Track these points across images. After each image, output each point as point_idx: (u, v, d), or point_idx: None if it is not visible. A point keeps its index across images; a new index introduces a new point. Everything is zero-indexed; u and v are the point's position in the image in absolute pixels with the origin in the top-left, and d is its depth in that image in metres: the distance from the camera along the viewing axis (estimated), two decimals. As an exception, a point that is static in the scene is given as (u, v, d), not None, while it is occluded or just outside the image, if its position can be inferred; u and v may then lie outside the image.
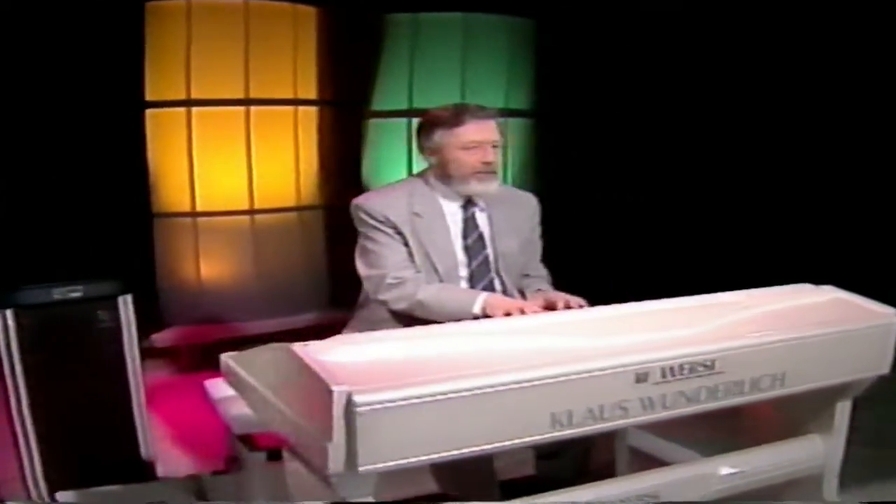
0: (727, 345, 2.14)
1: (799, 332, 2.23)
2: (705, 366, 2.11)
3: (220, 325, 5.21)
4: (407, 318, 2.80)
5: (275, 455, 2.54)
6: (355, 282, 2.92)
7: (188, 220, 5.30)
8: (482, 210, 2.94)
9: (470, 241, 2.91)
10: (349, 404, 1.77)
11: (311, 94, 5.64)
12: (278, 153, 5.53)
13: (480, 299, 2.66)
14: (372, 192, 3.02)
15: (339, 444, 1.79)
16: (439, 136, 2.83)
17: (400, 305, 2.76)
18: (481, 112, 2.83)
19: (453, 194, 2.89)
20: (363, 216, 2.85)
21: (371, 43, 5.78)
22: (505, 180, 5.82)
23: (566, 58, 6.12)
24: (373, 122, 5.91)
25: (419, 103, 5.75)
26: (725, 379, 2.15)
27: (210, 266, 5.34)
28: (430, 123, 2.87)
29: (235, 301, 5.34)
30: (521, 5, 5.99)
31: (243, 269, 5.41)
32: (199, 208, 5.29)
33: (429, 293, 2.73)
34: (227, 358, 2.38)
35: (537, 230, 3.13)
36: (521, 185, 5.79)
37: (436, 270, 2.84)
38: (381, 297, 2.79)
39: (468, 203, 2.92)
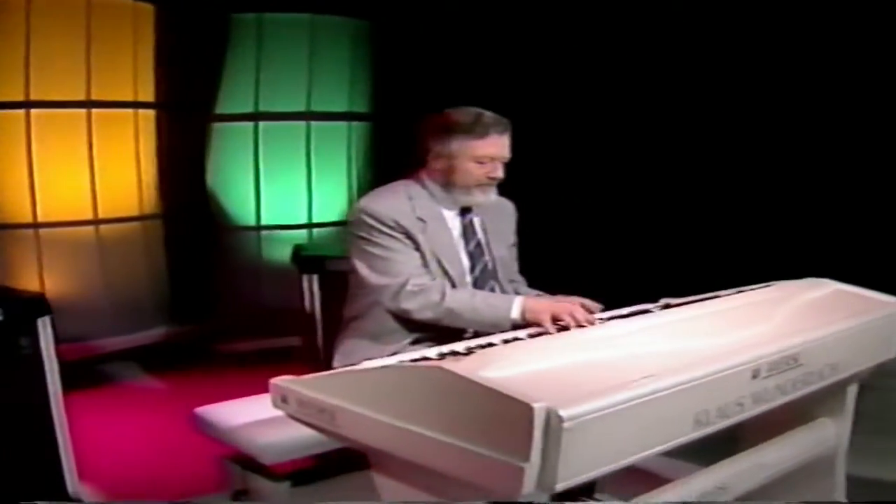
0: (808, 337, 2.22)
1: (849, 323, 2.36)
2: (794, 359, 2.18)
3: (66, 345, 4.65)
4: (420, 327, 2.67)
5: (301, 480, 2.34)
6: (200, 295, 2.71)
7: (29, 231, 4.75)
8: (476, 216, 2.87)
9: (471, 247, 2.84)
10: (551, 420, 1.65)
11: (151, 96, 5.20)
12: (120, 159, 5.10)
13: (517, 304, 2.56)
14: (373, 196, 2.80)
15: (536, 463, 1.66)
16: (457, 145, 2.70)
17: (425, 314, 2.61)
18: (501, 126, 2.73)
19: (450, 200, 2.80)
20: (371, 221, 2.68)
21: (215, 43, 5.43)
22: (349, 184, 5.72)
23: (405, 60, 6.05)
24: (217, 126, 5.54)
25: (265, 107, 5.51)
26: (805, 370, 2.23)
27: (54, 280, 4.78)
28: (446, 128, 2.72)
29: (82, 318, 4.84)
30: (365, 7, 5.87)
31: (89, 284, 4.90)
32: (40, 218, 4.75)
33: (459, 300, 2.60)
34: (286, 384, 2.14)
35: (515, 236, 3.09)
36: (363, 188, 5.73)
37: (448, 277, 2.73)
38: (404, 306, 2.62)
39: (465, 209, 2.83)
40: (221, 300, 5.33)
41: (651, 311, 2.56)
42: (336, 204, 5.90)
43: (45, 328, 2.90)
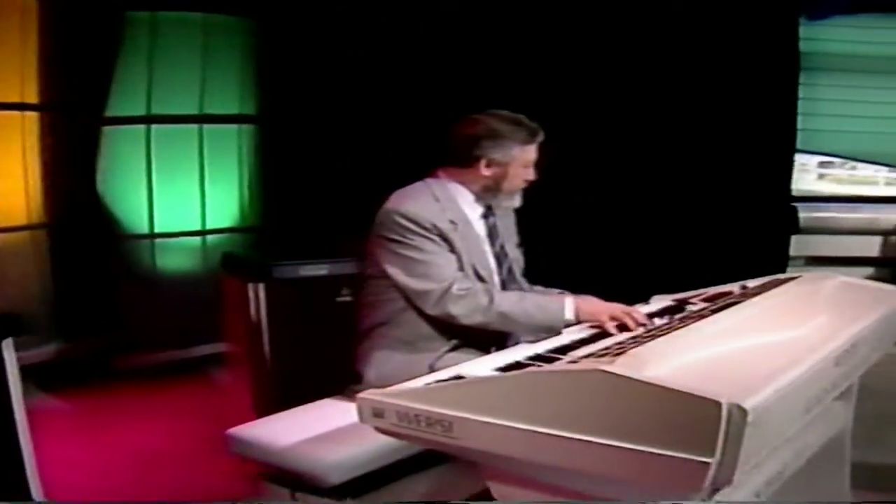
0: (861, 325, 2.36)
1: (880, 311, 2.54)
2: (855, 346, 2.32)
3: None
4: (458, 332, 2.63)
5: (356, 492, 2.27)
6: (93, 307, 2.61)
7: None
8: (496, 218, 2.85)
9: (497, 248, 2.83)
10: (735, 414, 1.67)
11: (38, 97, 4.80)
12: (5, 164, 4.67)
13: (569, 305, 2.57)
14: (402, 197, 2.72)
15: (719, 458, 1.69)
16: (518, 151, 2.72)
17: (475, 318, 2.57)
18: (539, 130, 2.77)
19: (475, 203, 2.78)
20: (406, 223, 2.62)
21: (107, 43, 5.07)
22: (241, 189, 5.52)
23: (294, 60, 5.88)
24: (108, 129, 5.18)
25: (158, 109, 5.21)
26: (860, 357, 2.38)
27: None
28: (501, 135, 2.71)
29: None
30: (253, 5, 5.66)
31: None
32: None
33: (510, 303, 2.58)
34: (382, 397, 2.05)
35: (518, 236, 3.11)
36: (257, 191, 5.53)
37: (481, 280, 2.69)
38: (451, 311, 2.57)
39: (487, 211, 2.80)
40: (116, 312, 4.98)
41: (686, 306, 2.64)
42: (229, 209, 5.65)
43: (8, 350, 2.59)
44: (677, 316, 2.51)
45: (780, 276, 2.97)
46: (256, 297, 3.29)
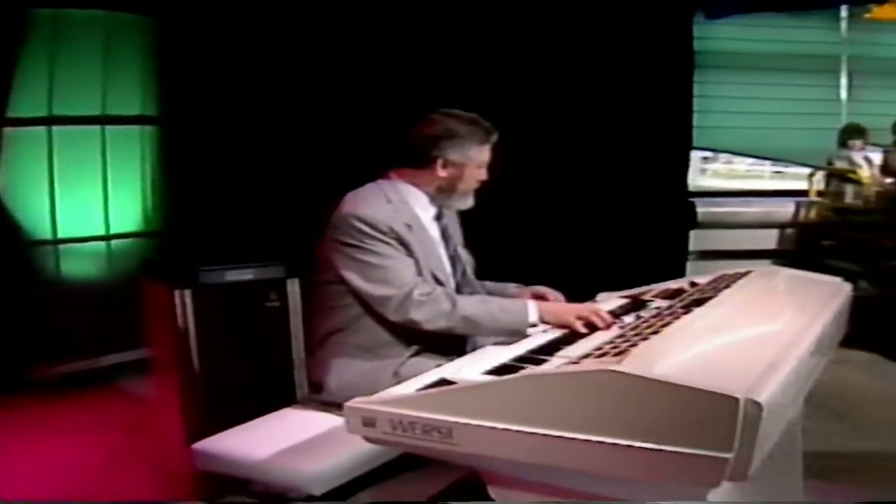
0: (826, 317, 2.45)
1: (836, 302, 2.63)
2: (823, 339, 2.39)
3: None
4: (420, 336, 2.58)
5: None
6: None
7: None
8: (447, 220, 2.82)
9: (451, 250, 2.80)
10: (751, 409, 1.70)
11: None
12: None
13: (532, 307, 2.54)
14: (358, 201, 2.64)
15: (737, 453, 1.71)
16: (475, 152, 2.69)
17: (438, 324, 2.52)
18: (495, 131, 2.74)
19: (428, 204, 2.74)
20: (365, 227, 2.55)
21: (7, 41, 4.79)
22: (144, 193, 5.32)
23: (194, 59, 5.70)
24: (8, 131, 4.91)
25: (60, 110, 4.97)
26: (827, 347, 2.46)
27: None
28: (459, 136, 2.67)
29: None
30: (152, 3, 5.46)
31: None
32: None
33: (473, 307, 2.53)
34: (372, 405, 2.00)
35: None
36: (158, 191, 5.34)
37: (439, 283, 2.68)
38: (413, 316, 2.51)
39: (440, 213, 2.78)
40: (21, 321, 4.71)
41: (646, 304, 2.66)
42: (133, 213, 5.44)
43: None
44: (645, 314, 2.51)
45: (728, 272, 3.00)
46: (183, 304, 3.16)
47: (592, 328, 2.46)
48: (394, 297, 2.47)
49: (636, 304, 2.77)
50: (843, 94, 8.59)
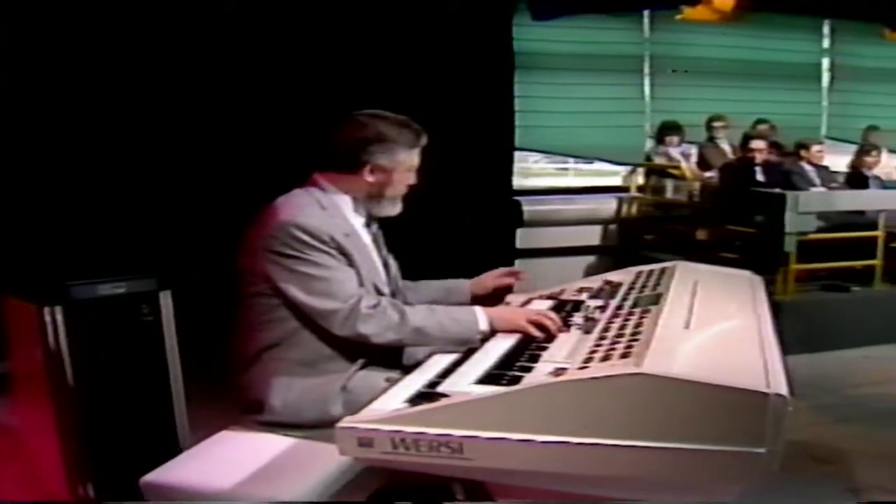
0: (765, 310, 2.60)
1: (758, 292, 2.79)
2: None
3: None
4: (364, 349, 2.51)
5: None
6: None
7: None
8: (375, 226, 2.76)
9: (382, 257, 2.74)
10: (779, 403, 1.78)
11: None
12: None
13: (482, 314, 2.51)
14: (294, 209, 2.50)
15: (768, 447, 1.79)
16: (404, 156, 2.60)
17: (387, 337, 2.44)
18: (424, 134, 2.66)
19: (356, 212, 2.65)
20: (304, 237, 2.44)
21: None
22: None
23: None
24: None
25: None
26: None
27: None
28: (389, 139, 2.57)
29: None
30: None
31: None
32: None
33: (422, 317, 2.46)
34: (368, 425, 1.94)
35: None
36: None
37: (379, 293, 2.60)
38: (362, 330, 2.41)
39: (370, 220, 2.71)
40: None
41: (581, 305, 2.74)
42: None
43: None
44: (593, 315, 2.55)
45: (642, 268, 3.10)
46: (54, 321, 2.96)
47: (545, 332, 2.45)
48: (339, 310, 2.37)
49: (562, 305, 2.80)
50: (647, 92, 9.07)
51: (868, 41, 9.51)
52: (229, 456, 2.32)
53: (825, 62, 9.63)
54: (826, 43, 9.65)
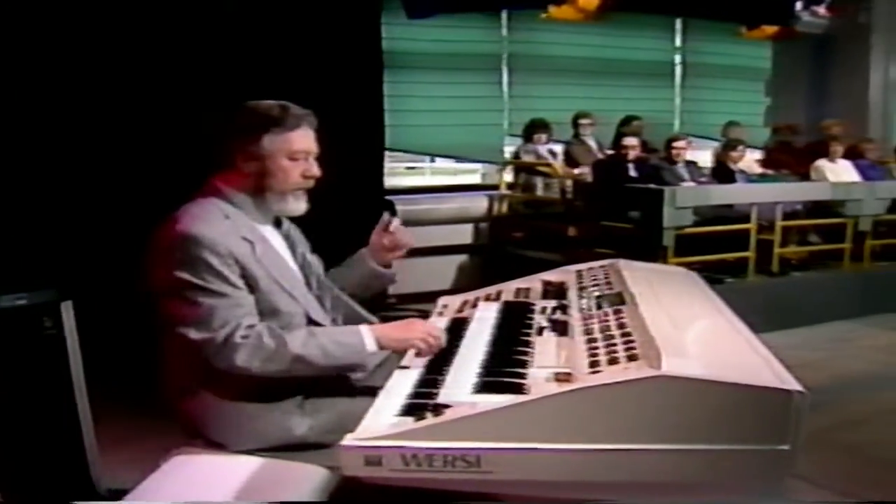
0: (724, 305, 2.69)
1: (704, 286, 2.89)
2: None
3: None
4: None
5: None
6: None
7: None
8: (287, 227, 2.59)
9: (299, 260, 2.55)
10: (802, 400, 1.83)
11: None
12: None
13: (368, 335, 2.32)
14: (196, 220, 2.28)
15: (793, 444, 1.83)
16: (269, 141, 2.36)
17: (269, 367, 2.21)
18: (311, 117, 2.44)
19: (261, 214, 2.45)
20: (202, 253, 2.22)
21: None
22: None
23: None
24: None
25: None
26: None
27: None
28: (255, 124, 2.36)
29: None
30: None
31: None
32: None
33: (301, 343, 2.24)
34: (377, 442, 1.87)
35: None
36: None
37: (296, 302, 2.43)
38: (237, 362, 2.19)
39: (277, 222, 2.54)
40: None
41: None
42: None
43: None
44: (552, 315, 2.56)
45: (578, 266, 3.13)
46: None
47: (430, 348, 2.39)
48: (211, 340, 2.17)
49: (512, 307, 2.79)
50: (506, 90, 9.23)
51: (719, 39, 9.99)
52: (197, 480, 2.18)
53: (677, 60, 10.03)
54: (678, 41, 10.05)
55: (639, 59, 9.76)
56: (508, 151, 8.85)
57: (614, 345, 2.11)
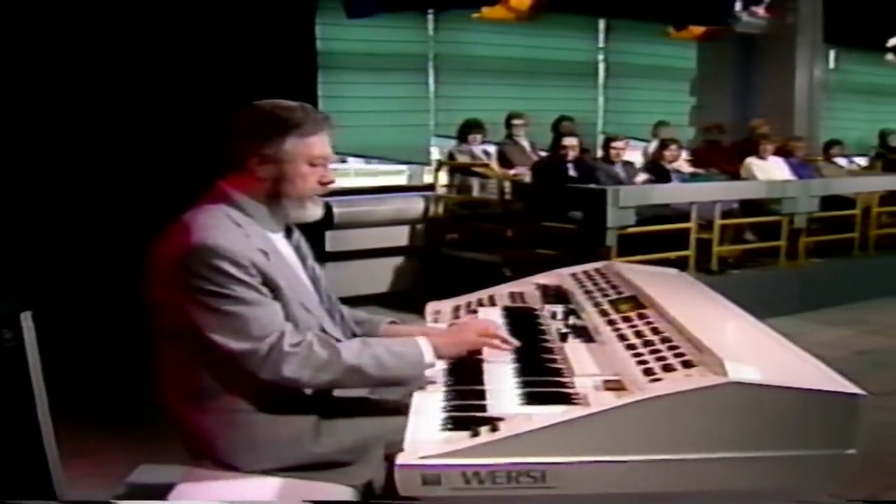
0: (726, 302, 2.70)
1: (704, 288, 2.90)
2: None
3: None
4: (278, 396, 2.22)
5: None
6: None
7: None
8: (297, 236, 2.45)
9: (309, 272, 2.42)
10: (867, 403, 1.84)
11: None
12: None
13: (426, 345, 2.21)
14: (209, 230, 2.14)
15: (858, 448, 1.85)
16: (291, 145, 2.23)
17: (320, 379, 2.13)
18: (328, 121, 2.32)
19: (274, 222, 2.32)
20: (223, 265, 2.09)
21: None
22: None
23: None
24: None
25: None
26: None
27: None
28: (276, 125, 2.23)
29: None
30: None
31: None
32: None
33: (355, 353, 2.14)
34: (434, 460, 1.80)
35: None
36: None
37: (310, 314, 2.30)
38: (285, 373, 2.09)
39: (288, 230, 2.40)
40: None
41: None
42: None
43: None
44: (571, 322, 2.53)
45: (572, 269, 3.12)
46: None
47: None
48: (256, 351, 2.07)
49: (517, 312, 2.76)
50: (432, 90, 9.21)
51: (644, 39, 10.15)
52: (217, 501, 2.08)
53: (601, 60, 10.16)
54: (601, 41, 10.18)
55: (563, 60, 9.85)
56: (437, 152, 8.81)
57: (659, 351, 2.09)
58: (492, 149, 8.29)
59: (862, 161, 9.78)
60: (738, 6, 8.98)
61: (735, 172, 8.09)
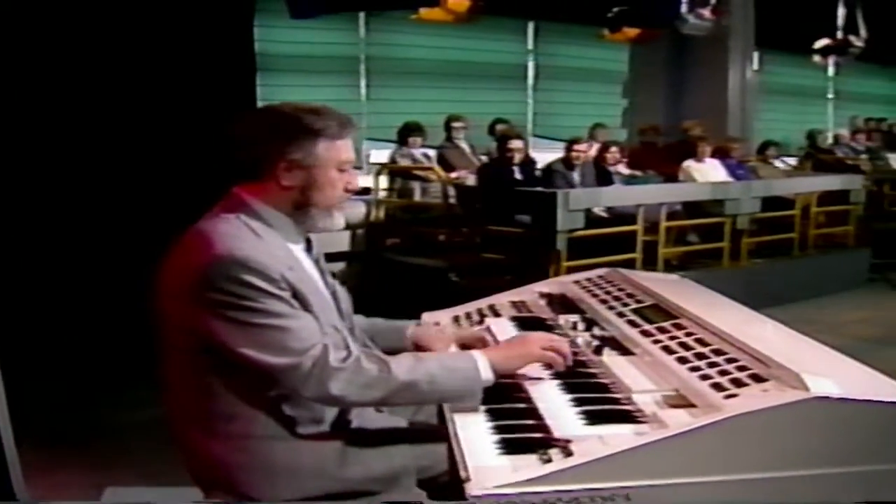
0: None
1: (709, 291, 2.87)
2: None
3: None
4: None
5: None
6: None
7: None
8: (316, 249, 2.31)
9: (330, 287, 2.26)
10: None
11: None
12: None
13: (483, 360, 2.06)
14: (233, 241, 1.98)
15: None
16: (324, 149, 2.08)
17: (370, 395, 1.98)
18: (352, 123, 2.18)
19: (296, 233, 2.17)
20: (253, 279, 1.94)
21: None
22: None
23: None
24: None
25: None
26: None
27: None
28: (305, 129, 2.07)
29: None
30: None
31: None
32: None
33: (407, 369, 1.99)
34: (513, 489, 1.71)
35: None
36: None
37: (335, 329, 2.16)
38: (333, 391, 1.93)
39: (308, 243, 2.25)
40: None
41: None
42: None
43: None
44: (596, 332, 2.47)
45: (575, 276, 3.08)
46: None
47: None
48: (300, 366, 1.92)
49: (530, 322, 2.68)
50: (363, 93, 9.12)
51: (575, 42, 10.20)
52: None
53: (530, 63, 10.18)
54: (530, 44, 10.20)
55: (493, 62, 9.84)
56: (374, 156, 8.71)
57: (717, 364, 2.03)
58: (432, 152, 8.18)
59: (791, 161, 9.97)
60: (683, 8, 9.04)
61: (671, 174, 8.16)
